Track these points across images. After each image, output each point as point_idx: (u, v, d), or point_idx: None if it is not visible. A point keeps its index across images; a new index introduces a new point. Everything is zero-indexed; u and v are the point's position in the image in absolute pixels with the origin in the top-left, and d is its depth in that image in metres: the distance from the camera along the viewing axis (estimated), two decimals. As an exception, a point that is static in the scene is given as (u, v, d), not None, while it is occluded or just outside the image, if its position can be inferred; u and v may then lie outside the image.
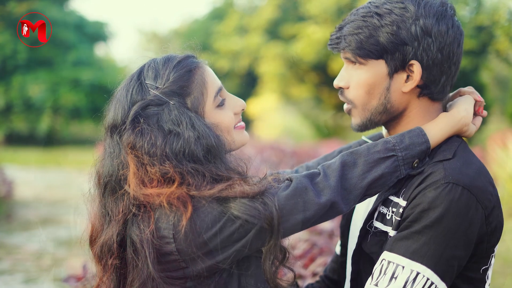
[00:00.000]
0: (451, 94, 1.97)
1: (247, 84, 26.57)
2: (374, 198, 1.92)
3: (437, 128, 1.81)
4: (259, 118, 20.23)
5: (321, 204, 1.66)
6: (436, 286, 1.66)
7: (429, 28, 1.78)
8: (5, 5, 21.85)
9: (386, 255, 1.72)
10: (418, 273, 1.66)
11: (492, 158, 10.05)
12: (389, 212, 1.81)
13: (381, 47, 1.80)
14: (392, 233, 1.77)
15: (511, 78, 21.21)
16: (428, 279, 1.66)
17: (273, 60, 22.59)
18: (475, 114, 1.94)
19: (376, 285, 1.69)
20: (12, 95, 21.66)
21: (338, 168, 1.71)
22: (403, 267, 1.67)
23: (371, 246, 1.85)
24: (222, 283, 1.70)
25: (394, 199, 1.81)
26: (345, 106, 1.93)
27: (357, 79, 1.85)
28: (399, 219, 1.76)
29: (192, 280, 1.66)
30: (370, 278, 1.73)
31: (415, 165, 1.77)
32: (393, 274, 1.68)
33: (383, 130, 2.03)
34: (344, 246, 2.14)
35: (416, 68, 1.80)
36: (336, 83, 1.91)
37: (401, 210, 1.76)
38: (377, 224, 1.85)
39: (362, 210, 2.01)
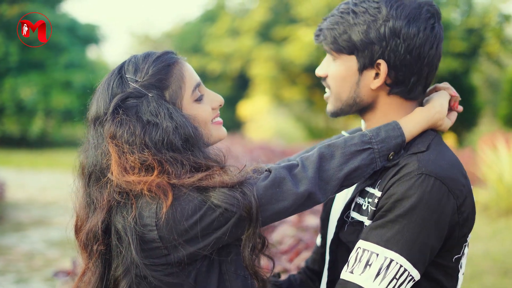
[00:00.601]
0: (428, 89, 2.02)
1: (239, 87, 26.56)
2: (351, 189, 1.98)
3: (412, 122, 1.87)
4: (251, 120, 20.25)
5: (299, 194, 1.71)
6: (408, 272, 1.72)
7: (398, 29, 1.85)
8: (-3, 8, 21.81)
9: (361, 244, 1.77)
10: (391, 260, 1.71)
11: (482, 160, 10.12)
12: (365, 202, 1.87)
13: (352, 44, 1.88)
14: (367, 222, 1.83)
15: (502, 80, 21.34)
16: (401, 266, 1.71)
17: (265, 62, 22.61)
18: (451, 109, 2.00)
19: (351, 272, 1.75)
20: (4, 98, 21.61)
21: (316, 160, 1.77)
22: (377, 254, 1.72)
23: (347, 235, 1.90)
24: (204, 270, 1.75)
25: (370, 190, 1.86)
26: (325, 95, 2.03)
27: (332, 70, 1.95)
28: (374, 209, 1.81)
29: (174, 266, 1.71)
30: (345, 266, 1.78)
31: (391, 157, 1.83)
32: (368, 261, 1.73)
33: (362, 125, 2.09)
34: (324, 237, 2.19)
35: (383, 67, 1.87)
36: (317, 71, 2.01)
37: (376, 200, 1.81)
38: (354, 214, 1.90)
39: (340, 201, 2.07)
